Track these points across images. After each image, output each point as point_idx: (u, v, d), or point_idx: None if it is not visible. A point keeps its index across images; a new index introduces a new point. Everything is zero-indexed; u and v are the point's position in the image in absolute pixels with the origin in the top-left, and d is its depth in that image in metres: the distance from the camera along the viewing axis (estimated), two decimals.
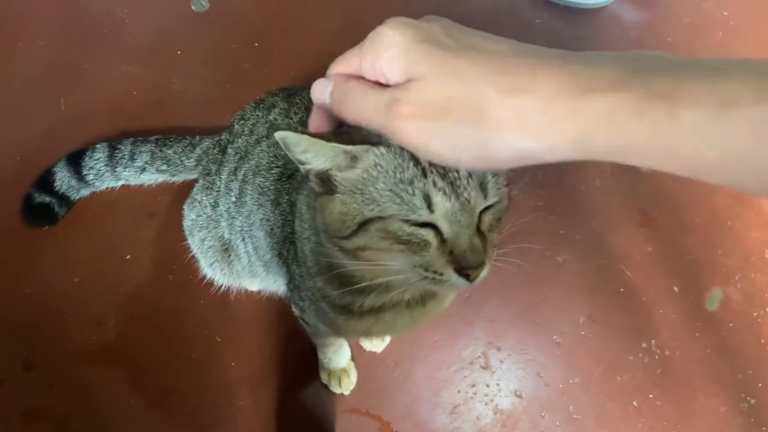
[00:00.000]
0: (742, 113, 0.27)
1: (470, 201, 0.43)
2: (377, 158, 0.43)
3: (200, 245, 0.91)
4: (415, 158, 0.42)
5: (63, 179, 1.02)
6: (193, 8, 1.35)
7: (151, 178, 1.05)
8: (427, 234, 0.44)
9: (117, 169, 1.02)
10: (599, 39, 1.40)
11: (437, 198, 0.42)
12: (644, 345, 1.07)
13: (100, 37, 1.28)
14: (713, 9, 1.48)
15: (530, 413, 1.00)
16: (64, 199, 1.04)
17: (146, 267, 1.05)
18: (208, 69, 1.27)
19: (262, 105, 0.85)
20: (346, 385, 0.97)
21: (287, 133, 0.42)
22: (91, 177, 1.02)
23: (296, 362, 1.00)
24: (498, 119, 0.32)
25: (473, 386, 1.01)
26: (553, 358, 1.05)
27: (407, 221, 0.43)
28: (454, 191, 0.42)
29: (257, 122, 0.83)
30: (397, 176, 0.42)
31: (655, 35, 1.42)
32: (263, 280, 0.91)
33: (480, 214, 0.45)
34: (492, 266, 0.47)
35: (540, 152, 0.33)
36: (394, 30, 0.36)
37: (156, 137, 1.03)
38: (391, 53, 0.36)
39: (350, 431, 0.96)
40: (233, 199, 0.83)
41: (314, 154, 0.43)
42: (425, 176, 0.42)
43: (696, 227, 1.19)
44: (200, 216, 0.90)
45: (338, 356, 0.94)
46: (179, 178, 1.04)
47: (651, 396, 1.03)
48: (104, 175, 1.03)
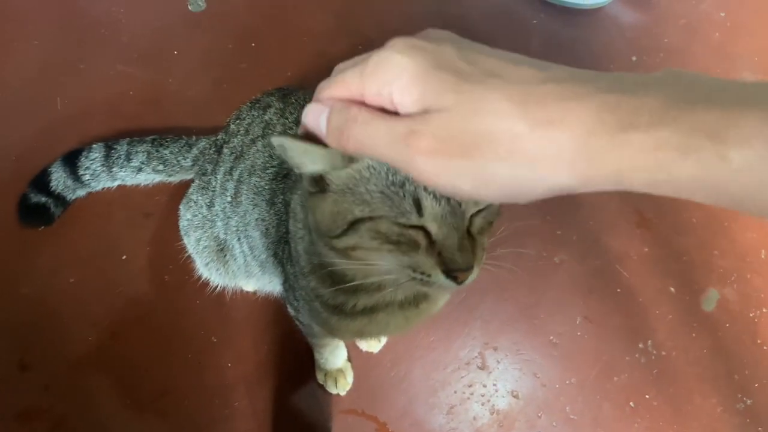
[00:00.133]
0: None
1: (461, 204, 0.43)
2: (371, 160, 0.43)
3: (196, 245, 0.91)
4: None
5: (59, 179, 1.02)
6: (190, 8, 1.34)
7: (148, 179, 1.04)
8: (417, 235, 0.44)
9: (113, 169, 1.02)
10: (596, 40, 1.40)
11: (427, 202, 0.42)
12: (641, 345, 1.07)
13: (97, 37, 1.28)
14: (710, 10, 1.49)
15: (527, 413, 1.00)
16: (60, 199, 1.04)
17: (142, 267, 1.05)
18: (205, 69, 1.26)
19: (258, 105, 0.85)
20: (343, 386, 0.97)
21: (284, 138, 0.41)
22: (88, 177, 1.02)
23: (292, 363, 1.00)
24: (532, 155, 0.30)
25: (470, 386, 1.01)
26: (550, 359, 1.05)
27: (397, 223, 0.43)
28: (445, 195, 0.42)
29: (253, 122, 0.83)
30: (389, 178, 0.42)
31: (652, 36, 1.43)
32: (259, 280, 0.91)
33: (471, 217, 0.44)
34: (484, 269, 0.46)
35: (575, 187, 0.31)
36: (403, 55, 0.33)
37: (152, 137, 1.03)
38: (404, 81, 0.32)
39: None
40: (229, 199, 0.83)
41: (311, 158, 0.43)
42: None
43: (692, 228, 1.19)
44: (196, 216, 0.90)
45: (335, 357, 0.94)
46: (176, 179, 1.04)
47: (647, 396, 1.03)
48: (100, 175, 1.03)
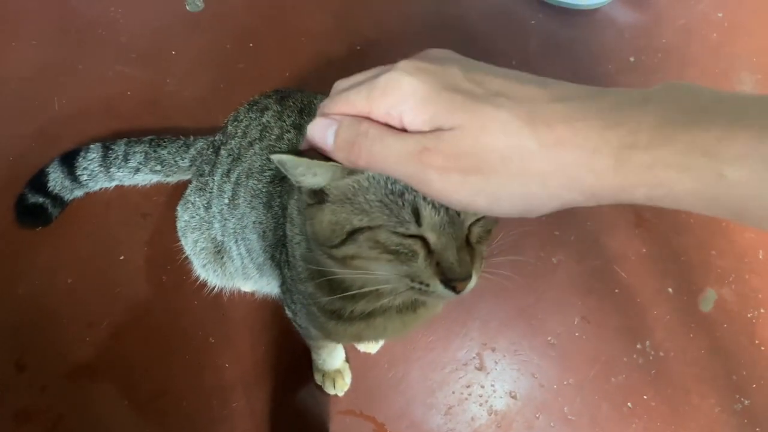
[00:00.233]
0: None
1: (460, 214, 0.42)
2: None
3: (193, 246, 0.91)
4: None
5: (56, 180, 1.02)
6: (188, 8, 1.34)
7: (145, 179, 1.04)
8: (415, 244, 0.43)
9: (111, 170, 1.02)
10: (594, 40, 1.40)
11: (426, 211, 0.41)
12: (639, 346, 1.07)
13: (94, 37, 1.28)
14: (708, 10, 1.49)
15: (525, 414, 1.00)
16: (58, 200, 1.04)
17: (140, 268, 1.05)
18: (203, 69, 1.26)
19: (256, 107, 0.84)
20: (341, 387, 0.97)
21: (285, 156, 0.41)
22: (85, 177, 1.02)
23: (290, 363, 1.00)
24: (542, 173, 0.32)
25: (468, 387, 1.01)
26: (548, 359, 1.05)
27: (395, 233, 0.43)
28: (444, 204, 0.41)
29: (250, 124, 0.83)
30: (388, 187, 0.42)
31: (650, 37, 1.43)
32: (257, 282, 0.91)
33: (470, 227, 0.44)
34: (482, 276, 0.46)
35: (581, 201, 0.33)
36: (412, 76, 0.34)
37: (150, 138, 1.03)
38: (414, 101, 0.34)
39: None
40: (226, 201, 0.82)
41: (311, 175, 0.42)
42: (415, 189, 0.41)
43: (690, 228, 1.19)
44: (193, 217, 0.90)
45: (332, 358, 0.94)
46: (173, 179, 1.03)
47: (645, 397, 1.03)
48: (98, 176, 1.02)
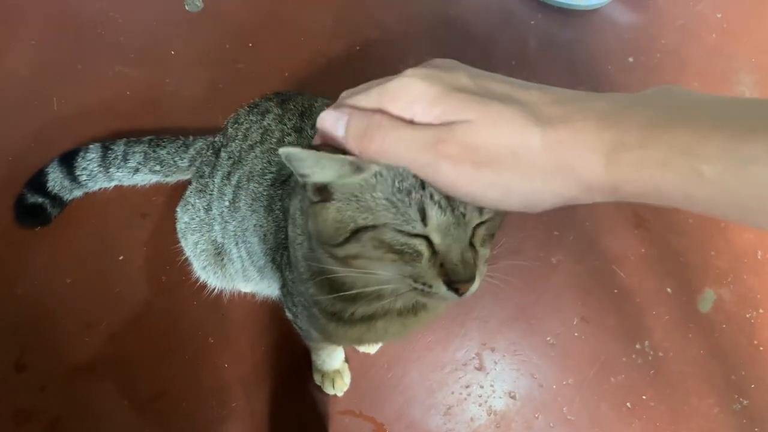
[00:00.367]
0: (762, 168, 0.28)
1: (465, 215, 0.42)
2: (379, 167, 0.42)
3: (193, 248, 0.91)
4: None
5: (55, 180, 1.01)
6: (187, 8, 1.34)
7: (145, 179, 1.04)
8: (420, 245, 0.43)
9: (110, 170, 1.02)
10: (593, 41, 1.40)
11: (432, 211, 0.41)
12: (638, 346, 1.07)
13: (93, 37, 1.27)
14: (707, 11, 1.49)
15: (524, 414, 1.00)
16: (57, 200, 1.03)
17: (139, 268, 1.05)
18: (202, 69, 1.26)
19: (256, 110, 0.84)
20: (340, 387, 0.97)
21: (291, 150, 0.40)
22: (84, 177, 1.02)
23: (290, 364, 1.00)
24: (546, 170, 0.34)
25: (467, 387, 1.02)
26: (547, 359, 1.05)
27: (400, 231, 0.43)
28: (450, 205, 0.41)
29: (251, 127, 0.82)
30: (396, 185, 0.41)
31: (649, 37, 1.43)
32: (257, 285, 0.91)
33: (474, 229, 0.44)
34: (483, 280, 0.46)
35: (579, 198, 0.35)
36: (423, 80, 0.36)
37: (149, 138, 1.03)
38: (427, 100, 0.36)
39: None
40: (226, 204, 0.82)
41: (319, 168, 0.42)
42: (423, 188, 0.41)
43: (689, 229, 1.19)
44: (193, 219, 0.90)
45: (332, 358, 0.94)
46: (173, 179, 1.03)
47: (644, 397, 1.03)
48: (97, 176, 1.02)
